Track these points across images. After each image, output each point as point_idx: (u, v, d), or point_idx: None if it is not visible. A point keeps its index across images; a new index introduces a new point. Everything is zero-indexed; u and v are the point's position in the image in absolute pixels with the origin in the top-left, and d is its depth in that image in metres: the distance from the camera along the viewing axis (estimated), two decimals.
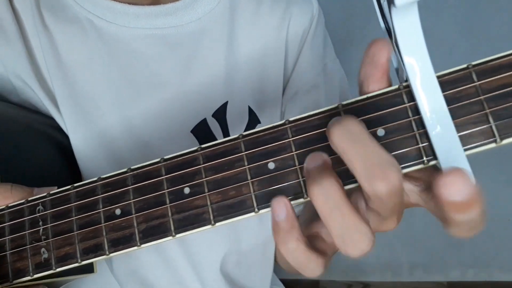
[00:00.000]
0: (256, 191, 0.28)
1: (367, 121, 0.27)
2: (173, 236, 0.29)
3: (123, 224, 0.30)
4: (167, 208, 0.30)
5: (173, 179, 0.30)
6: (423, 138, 0.26)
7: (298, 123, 0.28)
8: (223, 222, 0.29)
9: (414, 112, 0.26)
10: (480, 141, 0.25)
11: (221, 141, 0.29)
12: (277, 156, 0.28)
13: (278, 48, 0.53)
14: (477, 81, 0.25)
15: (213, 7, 0.49)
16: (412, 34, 0.25)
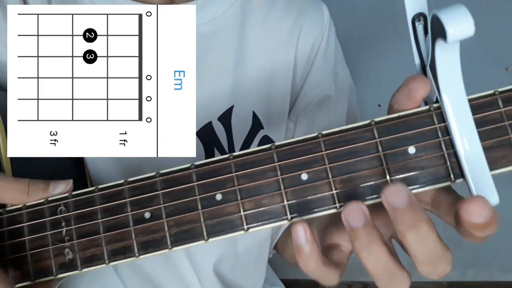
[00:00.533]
0: (290, 200, 0.29)
1: (399, 139, 0.29)
2: (206, 241, 0.30)
3: (153, 227, 0.31)
4: (199, 213, 0.30)
5: (204, 185, 0.31)
6: (451, 157, 0.28)
7: (332, 137, 0.29)
8: (256, 228, 0.30)
9: (444, 133, 0.28)
10: (504, 163, 0.28)
11: (253, 150, 0.30)
12: (310, 168, 0.29)
13: (288, 56, 0.53)
14: (503, 107, 0.28)
15: (225, 10, 0.50)
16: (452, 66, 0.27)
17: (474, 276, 1.39)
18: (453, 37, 0.25)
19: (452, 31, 0.25)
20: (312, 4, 0.56)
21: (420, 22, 0.30)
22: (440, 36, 0.26)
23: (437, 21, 0.26)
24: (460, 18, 0.26)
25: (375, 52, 1.31)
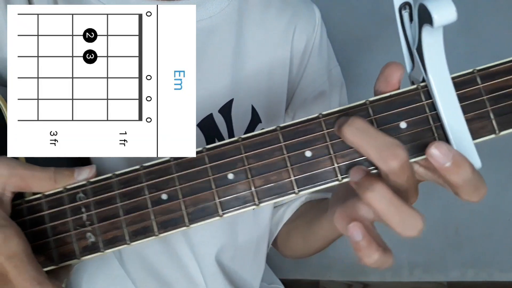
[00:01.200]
0: (296, 176, 0.33)
1: (392, 115, 0.32)
2: (221, 216, 0.33)
3: (171, 207, 0.34)
4: (213, 192, 0.33)
5: (216, 166, 0.33)
6: (439, 130, 0.32)
7: (331, 116, 0.33)
8: (267, 202, 0.33)
9: (431, 108, 0.32)
10: (484, 133, 0.32)
11: (259, 132, 0.33)
12: (313, 146, 0.33)
13: (283, 53, 0.56)
14: (481, 83, 0.32)
15: (224, 8, 0.53)
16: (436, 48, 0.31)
17: (474, 276, 1.39)
18: (439, 23, 0.28)
19: (437, 17, 0.28)
20: (305, 5, 0.59)
21: (406, 10, 0.33)
22: (426, 22, 0.29)
23: (424, 9, 0.29)
24: (444, 5, 0.28)
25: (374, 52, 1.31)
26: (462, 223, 1.35)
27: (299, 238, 0.57)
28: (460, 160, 0.30)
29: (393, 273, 1.42)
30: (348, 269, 1.41)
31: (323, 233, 0.50)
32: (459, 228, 1.36)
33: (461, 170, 0.30)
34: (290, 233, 0.59)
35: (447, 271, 1.40)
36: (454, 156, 0.30)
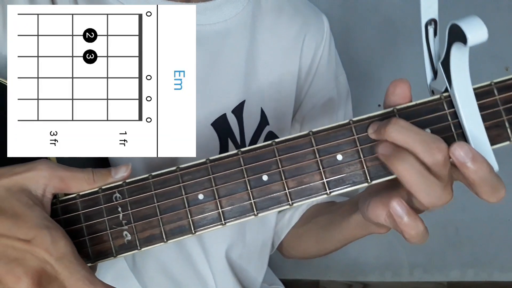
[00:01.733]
0: (328, 178, 0.35)
1: (417, 122, 0.35)
2: (256, 215, 0.35)
3: (207, 207, 0.35)
4: (248, 192, 0.35)
5: (252, 168, 0.35)
6: (460, 137, 0.35)
7: (361, 123, 0.35)
8: (300, 203, 0.35)
9: (453, 117, 0.35)
10: (500, 139, 0.35)
11: (292, 136, 0.35)
12: (344, 150, 0.35)
13: (293, 60, 0.58)
14: (498, 95, 0.35)
15: (238, 12, 0.54)
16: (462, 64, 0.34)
17: (474, 276, 1.39)
18: (472, 42, 0.31)
19: (471, 37, 0.31)
20: (315, 15, 0.62)
21: (431, 26, 0.36)
22: (458, 40, 0.32)
23: (457, 29, 0.32)
24: (477, 27, 0.31)
25: (375, 52, 1.31)
26: (462, 223, 1.35)
27: (312, 241, 0.59)
28: (478, 158, 0.33)
29: (393, 273, 1.42)
30: (348, 269, 1.41)
31: (341, 235, 0.52)
32: (459, 228, 1.36)
33: (479, 168, 0.33)
34: (301, 237, 0.61)
35: (447, 271, 1.40)
36: (474, 155, 0.33)
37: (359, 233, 0.49)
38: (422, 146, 0.33)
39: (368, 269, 1.41)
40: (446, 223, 1.34)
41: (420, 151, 0.33)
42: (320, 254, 0.60)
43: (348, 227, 0.49)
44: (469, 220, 1.32)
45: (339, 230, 0.51)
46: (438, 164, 0.33)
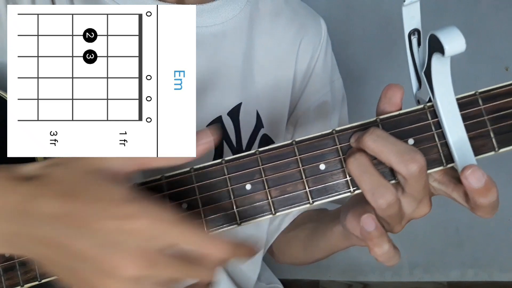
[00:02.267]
0: (311, 187, 0.35)
1: (400, 132, 0.35)
2: (238, 225, 0.35)
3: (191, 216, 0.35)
4: (232, 202, 0.35)
5: (235, 177, 0.35)
6: (443, 147, 0.35)
7: (344, 132, 0.35)
8: (283, 212, 0.35)
9: (437, 127, 0.35)
10: (485, 149, 0.35)
11: (275, 146, 0.36)
12: (327, 159, 0.35)
13: (290, 62, 0.58)
14: (482, 105, 0.35)
15: (235, 14, 0.55)
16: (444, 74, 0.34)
17: (474, 276, 1.39)
18: (449, 53, 0.31)
19: (449, 48, 0.31)
20: (312, 18, 0.62)
21: (415, 36, 0.36)
22: (437, 51, 0.32)
23: (435, 39, 0.32)
24: (455, 37, 0.31)
25: (375, 52, 1.31)
26: (462, 223, 1.35)
27: (299, 247, 0.59)
28: (491, 184, 0.33)
29: (393, 273, 1.42)
30: (348, 269, 1.41)
31: (325, 244, 0.52)
32: (459, 228, 1.36)
33: (490, 193, 0.33)
34: (290, 243, 0.61)
35: (447, 271, 1.40)
36: (487, 181, 0.33)
37: (342, 244, 0.49)
38: (397, 156, 0.32)
39: (368, 269, 1.41)
40: (446, 223, 1.34)
41: (394, 162, 0.33)
42: (308, 261, 0.60)
43: (331, 236, 0.49)
44: (469, 220, 1.32)
45: (323, 239, 0.51)
46: (413, 176, 0.33)
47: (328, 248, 0.52)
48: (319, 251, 0.54)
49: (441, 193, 0.38)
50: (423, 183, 0.33)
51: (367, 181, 0.34)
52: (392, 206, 0.34)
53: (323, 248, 0.53)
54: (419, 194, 0.34)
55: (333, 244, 0.50)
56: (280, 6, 0.59)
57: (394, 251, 0.36)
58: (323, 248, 0.53)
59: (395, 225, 0.36)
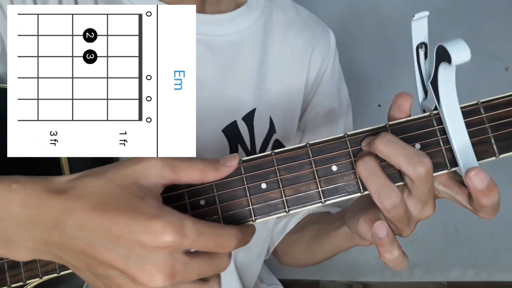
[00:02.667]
0: (323, 187, 0.37)
1: (408, 137, 0.37)
2: (254, 221, 0.37)
3: (208, 212, 0.37)
4: (248, 199, 0.37)
5: (251, 176, 0.37)
6: (448, 152, 0.37)
7: (355, 136, 0.38)
8: (296, 210, 0.37)
9: (442, 133, 0.37)
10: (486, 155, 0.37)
11: (290, 148, 0.37)
12: (338, 161, 0.37)
13: (301, 71, 0.61)
14: (484, 113, 0.37)
15: (251, 25, 0.57)
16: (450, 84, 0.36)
17: (474, 276, 1.39)
18: (456, 62, 0.33)
19: (455, 58, 0.33)
20: (322, 29, 0.65)
21: (422, 49, 0.38)
22: (444, 60, 0.34)
23: (442, 50, 0.34)
24: (461, 48, 0.34)
25: (375, 52, 1.31)
26: (462, 223, 1.35)
27: (303, 248, 0.61)
28: (493, 185, 0.35)
29: (393, 273, 1.42)
30: (348, 269, 1.41)
31: (329, 245, 0.53)
32: (459, 228, 1.36)
33: (493, 194, 0.35)
34: (294, 244, 0.63)
35: (447, 271, 1.40)
36: (489, 182, 0.35)
37: (345, 245, 0.51)
38: (406, 159, 0.34)
39: (368, 269, 1.41)
40: (446, 223, 1.34)
41: (403, 164, 0.34)
42: (310, 262, 0.62)
43: (335, 237, 0.51)
44: (469, 220, 1.32)
45: (328, 240, 0.53)
46: (420, 178, 0.34)
47: (332, 249, 0.54)
48: (322, 251, 0.56)
49: (446, 196, 0.40)
50: (429, 185, 0.35)
51: (374, 183, 0.35)
52: (397, 207, 0.35)
53: (327, 249, 0.54)
54: (424, 195, 0.36)
55: (337, 245, 0.52)
56: (292, 17, 0.62)
57: (403, 257, 0.38)
58: (327, 249, 0.54)
59: (403, 228, 0.38)
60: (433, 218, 0.37)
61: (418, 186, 0.35)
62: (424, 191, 0.36)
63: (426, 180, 0.35)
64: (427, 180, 0.35)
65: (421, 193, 0.36)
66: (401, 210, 0.36)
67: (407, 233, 0.39)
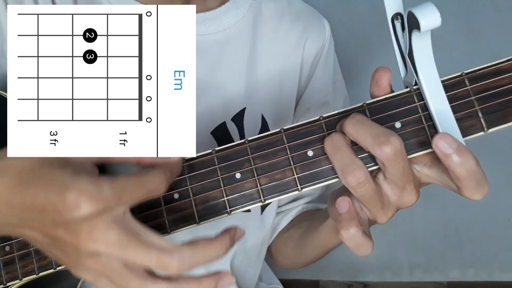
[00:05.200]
0: (299, 174, 0.35)
1: (387, 116, 0.35)
2: (229, 213, 0.36)
3: (182, 206, 0.36)
4: (222, 190, 0.36)
5: (225, 166, 0.36)
6: (431, 128, 0.34)
7: (331, 118, 0.36)
8: (272, 199, 0.36)
9: (423, 109, 0.34)
10: (473, 130, 0.34)
11: (264, 134, 0.36)
12: (314, 146, 0.35)
13: (294, 65, 0.58)
14: (469, 85, 0.34)
15: (238, 20, 0.55)
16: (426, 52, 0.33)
17: (474, 276, 1.39)
18: (425, 28, 0.31)
19: (424, 23, 0.31)
20: (316, 19, 0.61)
21: (398, 21, 0.35)
22: (415, 27, 0.32)
23: (412, 16, 0.32)
24: (429, 12, 0.31)
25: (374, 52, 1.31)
26: (462, 223, 1.35)
27: (294, 247, 0.59)
28: (463, 149, 0.32)
29: (393, 273, 1.42)
30: (348, 269, 1.41)
31: (318, 242, 0.51)
32: (459, 228, 1.36)
33: (465, 159, 0.31)
34: (286, 242, 0.61)
35: (447, 271, 1.39)
36: (459, 146, 0.31)
37: (333, 239, 0.49)
38: (371, 139, 0.32)
39: (368, 269, 1.41)
40: (446, 223, 1.34)
41: (369, 145, 0.32)
42: (303, 261, 0.59)
43: (322, 232, 0.49)
44: (469, 220, 1.32)
45: (316, 235, 0.51)
46: (388, 159, 0.32)
47: (321, 245, 0.52)
48: (313, 248, 0.54)
49: (432, 180, 0.37)
50: (401, 167, 0.33)
51: (339, 158, 0.33)
52: (362, 185, 0.33)
53: (316, 246, 0.53)
54: (399, 179, 0.34)
55: (325, 239, 0.50)
56: (283, 9, 0.59)
57: (363, 238, 0.35)
58: (316, 246, 0.53)
59: (376, 213, 0.35)
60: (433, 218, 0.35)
61: (389, 168, 0.33)
62: (397, 174, 0.33)
63: (396, 161, 0.32)
64: (397, 161, 0.32)
65: (394, 176, 0.33)
66: (369, 189, 0.33)
67: (382, 219, 0.36)
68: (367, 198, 0.34)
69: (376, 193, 0.34)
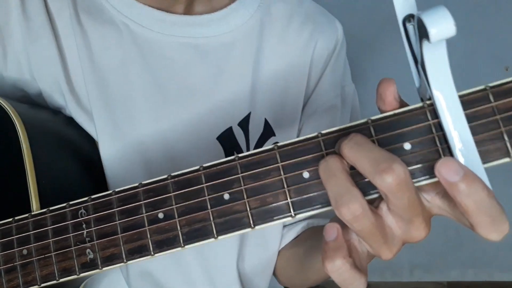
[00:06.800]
0: (293, 198, 0.31)
1: (395, 135, 0.29)
2: (215, 238, 0.32)
3: (167, 227, 0.33)
4: (209, 212, 0.32)
5: (213, 186, 0.32)
6: (446, 152, 0.29)
7: (330, 136, 0.31)
8: (262, 226, 0.31)
9: (438, 129, 0.29)
10: (496, 156, 0.28)
11: (257, 151, 0.31)
12: (311, 166, 0.30)
13: (302, 67, 0.55)
14: (494, 101, 0.28)
15: (245, 21, 0.52)
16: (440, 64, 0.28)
17: (474, 276, 1.39)
18: (436, 37, 0.26)
19: (435, 32, 0.26)
20: (327, 22, 0.58)
21: (411, 23, 0.30)
22: (424, 36, 0.26)
23: (421, 23, 0.26)
24: (441, 19, 0.26)
25: (375, 52, 1.31)
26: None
27: (296, 266, 0.55)
28: (472, 178, 0.26)
29: (393, 273, 1.42)
30: None
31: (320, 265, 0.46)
32: (459, 228, 1.36)
33: (474, 189, 0.26)
34: (289, 260, 0.56)
35: (447, 271, 1.39)
36: (466, 173, 0.26)
37: None
38: (371, 165, 0.27)
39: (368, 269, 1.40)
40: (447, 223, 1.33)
41: (368, 172, 0.27)
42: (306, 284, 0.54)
43: None
44: None
45: (317, 258, 0.46)
46: (390, 190, 0.27)
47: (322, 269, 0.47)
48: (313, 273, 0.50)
49: (445, 213, 0.31)
50: (405, 199, 0.27)
51: (333, 186, 0.28)
52: (359, 219, 0.28)
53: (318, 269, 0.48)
54: (405, 212, 0.28)
55: None
56: (293, 10, 0.56)
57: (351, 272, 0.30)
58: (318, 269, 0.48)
59: (378, 248, 0.30)
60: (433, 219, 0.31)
61: (392, 200, 0.28)
62: (402, 207, 0.28)
63: (399, 192, 0.27)
64: (400, 192, 0.27)
65: (398, 208, 0.28)
66: (366, 224, 0.28)
67: (386, 254, 0.31)
68: (366, 233, 0.29)
69: (376, 227, 0.29)
